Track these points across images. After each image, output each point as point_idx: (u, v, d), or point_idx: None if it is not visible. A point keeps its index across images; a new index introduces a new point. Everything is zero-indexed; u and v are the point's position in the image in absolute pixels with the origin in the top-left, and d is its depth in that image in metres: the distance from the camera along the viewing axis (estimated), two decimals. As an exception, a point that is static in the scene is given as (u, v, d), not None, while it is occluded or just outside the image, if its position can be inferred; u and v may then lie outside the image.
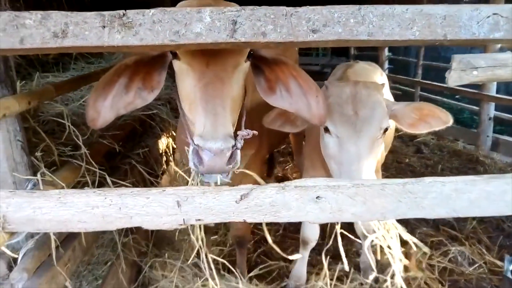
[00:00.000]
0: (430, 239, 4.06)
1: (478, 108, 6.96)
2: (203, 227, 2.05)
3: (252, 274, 3.38)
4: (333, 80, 3.09)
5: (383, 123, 2.14)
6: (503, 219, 4.45)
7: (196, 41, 1.30)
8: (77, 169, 2.33)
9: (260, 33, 1.31)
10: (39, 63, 4.40)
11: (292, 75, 1.88)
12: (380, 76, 3.61)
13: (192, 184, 1.93)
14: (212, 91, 1.64)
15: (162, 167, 4.17)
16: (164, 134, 4.51)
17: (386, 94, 2.81)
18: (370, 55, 11.32)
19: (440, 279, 3.41)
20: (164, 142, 4.53)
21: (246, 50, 1.79)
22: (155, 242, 3.49)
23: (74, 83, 2.75)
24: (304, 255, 3.32)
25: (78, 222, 1.53)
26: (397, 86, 10.51)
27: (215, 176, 1.74)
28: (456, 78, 1.63)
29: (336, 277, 3.02)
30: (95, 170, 2.36)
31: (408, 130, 2.28)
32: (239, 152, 1.67)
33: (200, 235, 2.04)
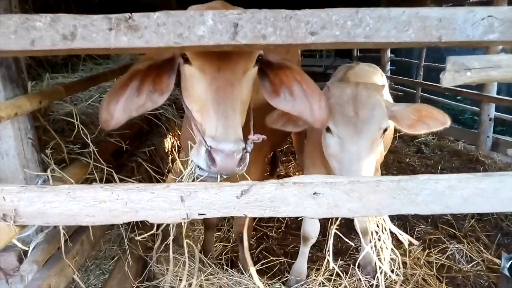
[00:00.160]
0: (428, 236, 4.08)
1: (479, 109, 6.95)
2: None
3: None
4: (334, 81, 3.14)
5: (382, 124, 2.18)
6: (502, 217, 4.46)
7: (199, 43, 1.33)
8: (85, 166, 2.36)
9: (261, 35, 1.33)
10: (48, 64, 4.40)
11: (296, 79, 1.92)
12: (380, 77, 3.63)
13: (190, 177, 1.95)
14: (223, 94, 1.69)
15: (168, 165, 4.22)
16: (169, 133, 4.52)
17: (386, 95, 2.86)
18: (373, 56, 11.34)
19: (438, 275, 3.43)
20: (169, 141, 4.57)
21: (255, 55, 1.82)
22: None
23: (83, 84, 2.77)
24: (304, 251, 3.36)
25: (86, 216, 1.56)
26: (398, 87, 10.52)
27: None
28: (450, 79, 1.66)
29: (336, 273, 3.06)
30: (102, 168, 2.38)
31: (407, 131, 2.32)
32: (248, 155, 1.72)
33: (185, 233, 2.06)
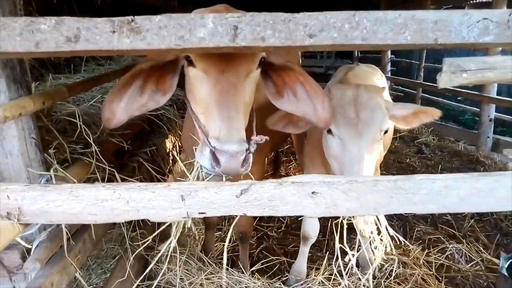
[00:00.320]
0: (428, 236, 4.09)
1: (479, 110, 6.96)
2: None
3: (254, 269, 3.45)
4: (334, 82, 3.16)
5: (383, 125, 2.21)
6: (501, 218, 4.47)
7: (199, 45, 1.35)
8: (87, 166, 2.37)
9: (260, 37, 1.35)
10: (51, 65, 4.41)
11: (299, 80, 1.94)
12: (380, 78, 3.65)
13: (196, 177, 1.99)
14: (227, 96, 1.71)
15: (169, 165, 4.24)
16: (171, 134, 4.53)
17: (386, 96, 2.89)
18: (373, 57, 11.37)
19: (437, 275, 3.44)
20: (171, 141, 4.59)
21: (258, 58, 1.84)
22: (161, 237, 3.56)
23: (85, 84, 2.78)
24: (304, 251, 3.38)
25: (89, 215, 1.58)
26: (399, 88, 10.54)
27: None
28: (446, 80, 1.67)
29: (335, 272, 3.09)
30: (104, 167, 2.40)
31: (403, 127, 2.40)
32: (251, 155, 1.74)
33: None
